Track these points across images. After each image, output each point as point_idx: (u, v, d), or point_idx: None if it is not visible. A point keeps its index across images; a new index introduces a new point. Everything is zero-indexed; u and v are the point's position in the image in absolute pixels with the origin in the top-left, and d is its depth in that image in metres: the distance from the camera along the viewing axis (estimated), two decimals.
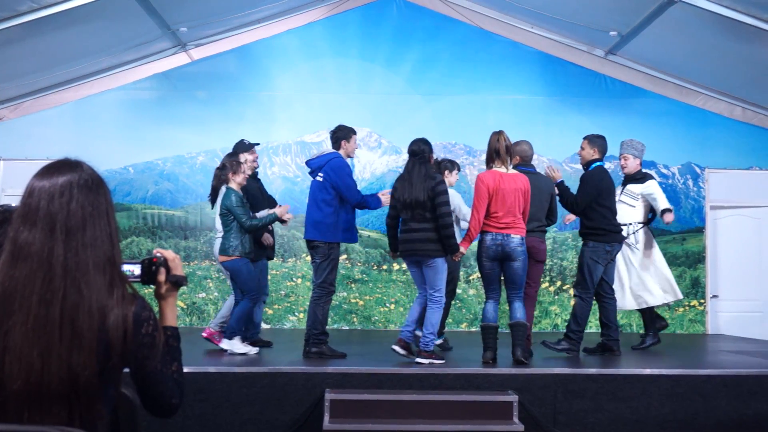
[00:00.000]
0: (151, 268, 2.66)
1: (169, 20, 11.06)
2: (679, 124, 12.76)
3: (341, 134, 8.44)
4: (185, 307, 12.15)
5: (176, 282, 2.68)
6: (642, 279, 9.67)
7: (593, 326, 11.69)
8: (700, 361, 8.85)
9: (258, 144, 9.31)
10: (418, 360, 7.49)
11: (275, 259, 12.21)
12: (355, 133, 8.55)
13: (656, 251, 9.82)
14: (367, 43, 12.70)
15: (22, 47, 10.26)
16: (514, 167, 8.05)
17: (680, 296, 9.94)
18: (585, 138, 9.00)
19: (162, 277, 2.65)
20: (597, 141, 8.85)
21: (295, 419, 6.86)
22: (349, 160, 8.52)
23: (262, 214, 8.55)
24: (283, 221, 8.74)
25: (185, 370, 6.75)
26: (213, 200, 8.82)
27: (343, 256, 12.23)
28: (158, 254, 2.68)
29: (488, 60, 12.75)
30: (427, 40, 12.75)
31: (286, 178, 12.60)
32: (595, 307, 8.81)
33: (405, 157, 10.19)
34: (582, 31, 12.12)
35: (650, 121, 12.58)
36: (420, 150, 7.83)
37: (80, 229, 2.38)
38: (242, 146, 9.17)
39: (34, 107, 12.20)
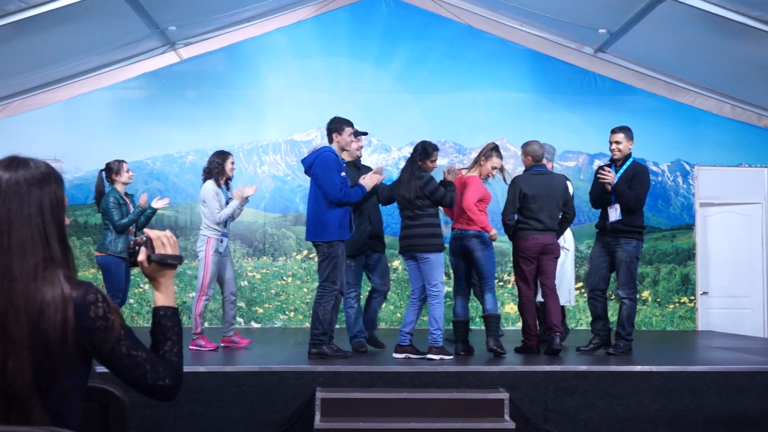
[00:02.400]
0: (134, 248, 2.65)
1: (158, 19, 11.03)
2: (669, 121, 12.78)
3: (333, 126, 8.21)
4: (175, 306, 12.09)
5: (160, 261, 2.63)
6: (559, 278, 9.35)
7: (584, 323, 11.74)
8: (690, 358, 8.87)
9: (366, 133, 8.74)
10: (430, 356, 7.68)
11: (265, 257, 12.21)
12: (349, 124, 8.20)
13: (572, 254, 9.94)
14: (357, 41, 12.68)
15: (10, 47, 10.22)
16: (527, 168, 8.56)
17: (572, 304, 10.13)
18: (620, 131, 8.56)
19: (142, 256, 2.62)
20: (631, 133, 8.59)
21: (286, 418, 6.85)
22: (346, 155, 8.39)
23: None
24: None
25: None
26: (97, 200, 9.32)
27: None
28: (144, 235, 2.67)
29: (477, 58, 12.74)
30: (416, 39, 12.74)
31: (276, 177, 12.58)
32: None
33: (395, 155, 10.37)
34: (571, 29, 12.13)
35: (639, 119, 12.54)
36: (414, 150, 8.13)
37: (5, 233, 2.37)
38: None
39: (22, 107, 12.15)
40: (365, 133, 8.67)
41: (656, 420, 7.07)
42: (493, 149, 8.38)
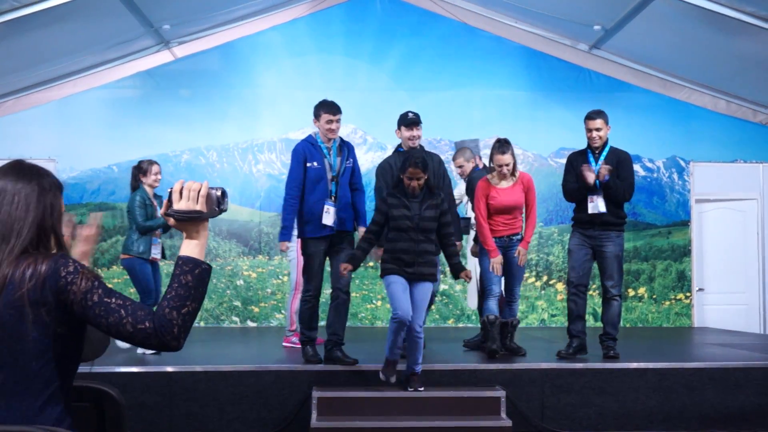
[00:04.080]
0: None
1: (152, 18, 11.01)
2: (664, 117, 12.78)
3: (313, 112, 7.72)
4: None
5: (173, 216, 2.62)
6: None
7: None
8: (686, 355, 8.87)
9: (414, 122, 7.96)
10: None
11: (261, 256, 12.20)
12: (327, 109, 7.52)
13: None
14: (351, 39, 12.67)
15: (4, 46, 10.19)
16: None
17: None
18: (598, 116, 7.84)
19: (162, 210, 2.65)
20: (607, 117, 7.92)
21: (282, 417, 6.85)
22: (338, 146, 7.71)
23: None
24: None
25: (171, 369, 6.71)
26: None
27: None
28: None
29: (472, 55, 12.74)
30: (411, 36, 12.74)
31: (271, 176, 12.55)
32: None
33: (389, 153, 10.06)
34: (566, 26, 12.13)
35: (634, 115, 12.59)
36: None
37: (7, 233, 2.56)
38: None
39: (16, 106, 12.11)
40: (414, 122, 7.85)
41: (653, 417, 7.07)
42: (493, 147, 8.09)
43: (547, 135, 12.35)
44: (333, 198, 7.33)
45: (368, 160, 12.37)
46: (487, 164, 8.35)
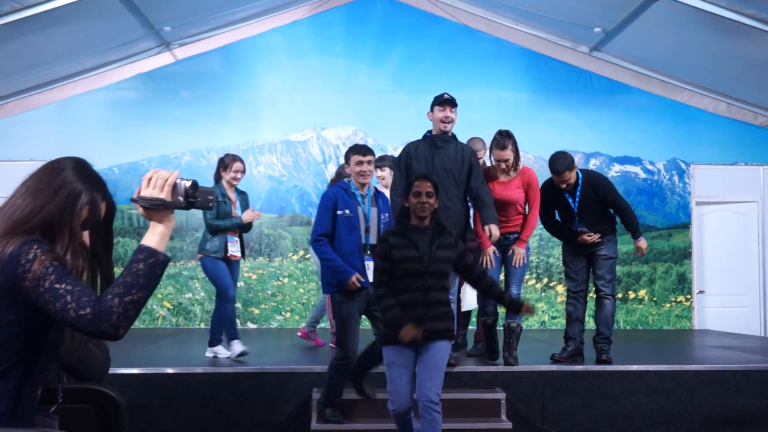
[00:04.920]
0: None
1: (153, 19, 11.02)
2: (664, 120, 12.78)
3: (344, 158, 6.97)
4: (171, 307, 12.11)
5: (139, 203, 2.61)
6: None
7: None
8: (687, 357, 8.87)
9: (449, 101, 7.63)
10: None
11: (261, 258, 12.20)
12: (356, 151, 6.62)
13: None
14: (352, 41, 12.67)
15: (5, 48, 10.19)
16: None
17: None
18: (565, 167, 7.59)
19: (135, 196, 2.64)
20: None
21: (282, 419, 6.84)
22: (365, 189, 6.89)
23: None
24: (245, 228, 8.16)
25: (171, 371, 6.70)
26: None
27: None
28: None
29: (473, 57, 12.74)
30: (411, 38, 12.74)
31: (272, 178, 12.56)
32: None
33: (390, 155, 9.96)
34: (566, 28, 12.13)
35: (635, 117, 12.60)
36: None
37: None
38: None
39: (17, 108, 12.12)
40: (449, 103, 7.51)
41: (653, 419, 7.07)
42: (493, 140, 7.71)
43: (548, 137, 12.33)
44: (369, 251, 6.45)
45: None
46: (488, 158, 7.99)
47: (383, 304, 5.34)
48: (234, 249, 8.05)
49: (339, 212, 6.42)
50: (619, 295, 12.16)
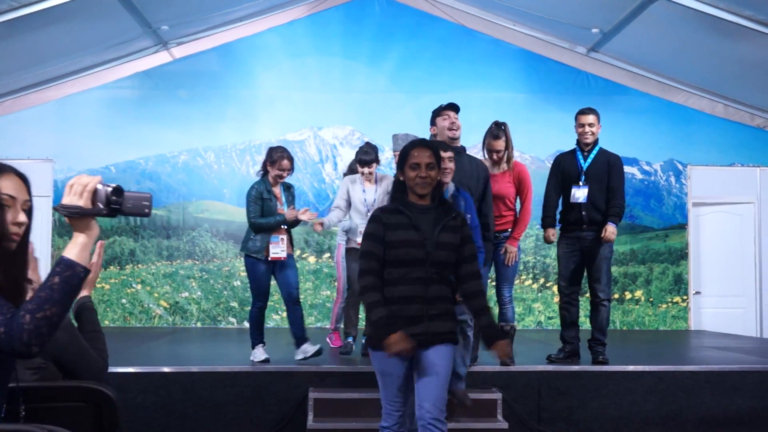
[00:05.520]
0: None
1: (151, 18, 11.01)
2: (661, 121, 12.79)
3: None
4: (168, 306, 12.10)
5: (59, 211, 2.45)
6: None
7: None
8: (683, 358, 8.88)
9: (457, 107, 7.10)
10: None
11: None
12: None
13: None
14: (350, 41, 12.67)
15: (2, 46, 10.19)
16: None
17: None
18: (591, 112, 7.59)
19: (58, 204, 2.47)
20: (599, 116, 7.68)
21: (278, 418, 6.84)
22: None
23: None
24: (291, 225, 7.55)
25: (167, 370, 6.70)
26: None
27: (326, 255, 12.24)
28: None
29: (470, 58, 12.74)
30: (409, 38, 12.74)
31: None
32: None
33: (388, 155, 9.94)
34: (564, 29, 12.14)
35: (632, 118, 12.60)
36: None
37: None
38: None
39: (15, 106, 12.11)
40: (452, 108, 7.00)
41: (649, 420, 7.07)
42: (488, 130, 7.56)
43: (545, 138, 12.33)
44: None
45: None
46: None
47: (369, 299, 4.43)
48: (277, 250, 7.44)
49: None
50: (616, 296, 12.17)
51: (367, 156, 7.89)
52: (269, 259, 7.42)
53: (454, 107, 6.85)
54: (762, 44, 10.13)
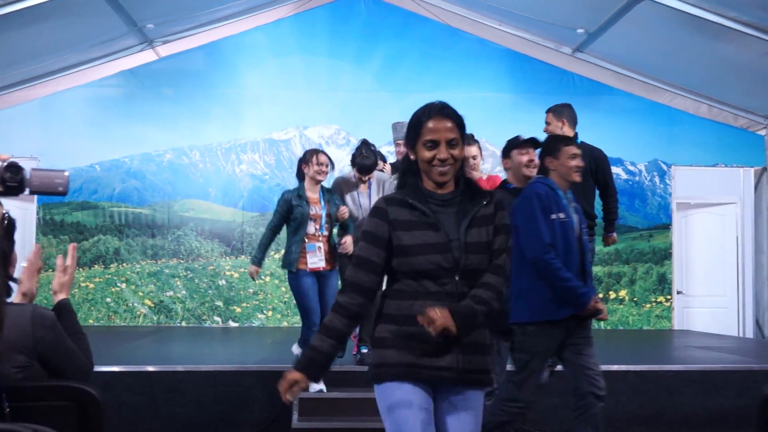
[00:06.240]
0: None
1: (136, 17, 10.98)
2: (646, 121, 12.83)
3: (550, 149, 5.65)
4: (153, 305, 12.07)
5: None
6: None
7: None
8: (667, 357, 8.91)
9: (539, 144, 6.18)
10: None
11: (243, 256, 12.17)
12: (567, 144, 5.37)
13: None
14: (336, 40, 12.67)
15: None
16: None
17: None
18: (549, 111, 7.54)
19: None
20: (564, 111, 7.47)
21: (263, 417, 6.83)
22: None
23: None
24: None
25: (152, 368, 6.70)
26: None
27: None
28: None
29: (456, 57, 12.76)
30: (395, 38, 12.75)
31: (254, 176, 12.55)
32: None
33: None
34: (549, 29, 12.16)
35: (617, 119, 12.64)
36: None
37: None
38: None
39: None
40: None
41: (633, 419, 7.09)
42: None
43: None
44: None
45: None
46: None
47: (333, 324, 3.25)
48: (315, 259, 6.77)
49: (553, 216, 5.02)
50: (600, 296, 12.20)
51: (367, 161, 7.34)
52: (308, 270, 6.78)
53: (535, 143, 5.97)
54: (746, 45, 10.18)
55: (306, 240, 6.82)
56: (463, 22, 12.78)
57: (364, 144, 7.56)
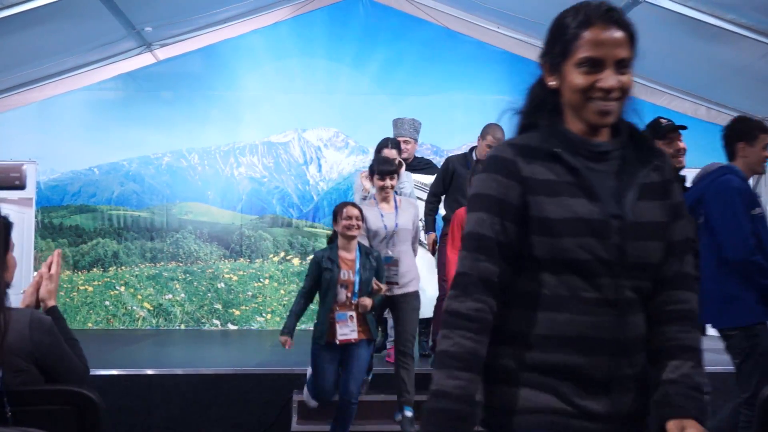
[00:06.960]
0: None
1: (134, 20, 10.96)
2: (645, 123, 12.80)
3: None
4: (152, 309, 12.06)
5: None
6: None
7: None
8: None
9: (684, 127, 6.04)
10: None
11: (242, 259, 12.17)
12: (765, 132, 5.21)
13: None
14: (334, 42, 12.66)
15: None
16: None
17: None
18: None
19: None
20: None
21: (262, 421, 6.83)
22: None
23: None
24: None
25: (151, 372, 6.71)
26: None
27: (310, 257, 12.25)
28: None
29: (455, 60, 12.75)
30: (393, 40, 12.74)
31: (253, 179, 12.54)
32: None
33: (372, 157, 9.89)
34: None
35: None
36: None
37: None
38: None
39: None
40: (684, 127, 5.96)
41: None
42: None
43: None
44: None
45: (350, 164, 12.39)
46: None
47: (453, 348, 2.32)
48: (346, 330, 5.94)
49: (753, 212, 4.77)
50: None
51: (388, 166, 6.67)
52: (338, 342, 5.95)
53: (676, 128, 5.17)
54: (744, 48, 10.18)
55: (336, 308, 5.96)
56: (462, 25, 12.78)
57: (388, 144, 7.55)
